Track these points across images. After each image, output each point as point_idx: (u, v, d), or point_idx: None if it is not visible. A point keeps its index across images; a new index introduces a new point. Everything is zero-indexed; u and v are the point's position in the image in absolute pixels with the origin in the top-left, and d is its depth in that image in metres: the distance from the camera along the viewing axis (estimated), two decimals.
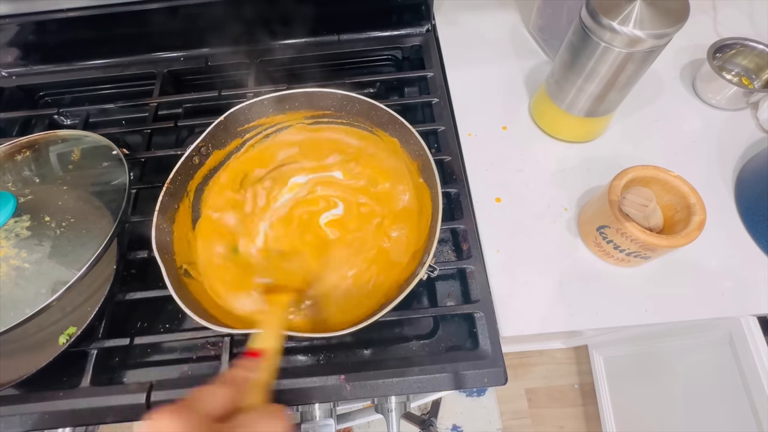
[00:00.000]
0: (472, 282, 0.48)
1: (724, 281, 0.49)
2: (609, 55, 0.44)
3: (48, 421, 0.43)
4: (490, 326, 0.46)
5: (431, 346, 0.48)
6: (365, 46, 0.67)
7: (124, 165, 0.49)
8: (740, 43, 0.61)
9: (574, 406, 1.27)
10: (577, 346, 1.31)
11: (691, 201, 0.44)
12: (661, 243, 0.42)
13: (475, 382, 0.43)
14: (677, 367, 0.86)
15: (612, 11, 0.42)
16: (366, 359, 0.47)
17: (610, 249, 0.47)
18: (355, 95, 0.51)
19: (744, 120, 0.59)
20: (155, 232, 0.44)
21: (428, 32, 0.68)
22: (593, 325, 0.47)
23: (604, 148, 0.58)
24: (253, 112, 0.52)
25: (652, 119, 0.60)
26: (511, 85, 0.64)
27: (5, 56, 0.66)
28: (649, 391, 0.95)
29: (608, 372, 1.15)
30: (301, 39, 0.68)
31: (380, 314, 0.39)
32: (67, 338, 0.44)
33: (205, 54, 0.67)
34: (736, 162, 0.56)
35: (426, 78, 0.63)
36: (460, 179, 0.54)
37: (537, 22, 0.66)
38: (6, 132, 0.64)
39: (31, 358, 0.43)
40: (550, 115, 0.57)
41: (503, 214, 0.54)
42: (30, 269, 0.43)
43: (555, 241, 0.52)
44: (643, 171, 0.46)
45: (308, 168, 0.54)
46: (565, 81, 0.51)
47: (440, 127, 0.57)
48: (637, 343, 1.00)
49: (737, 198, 0.53)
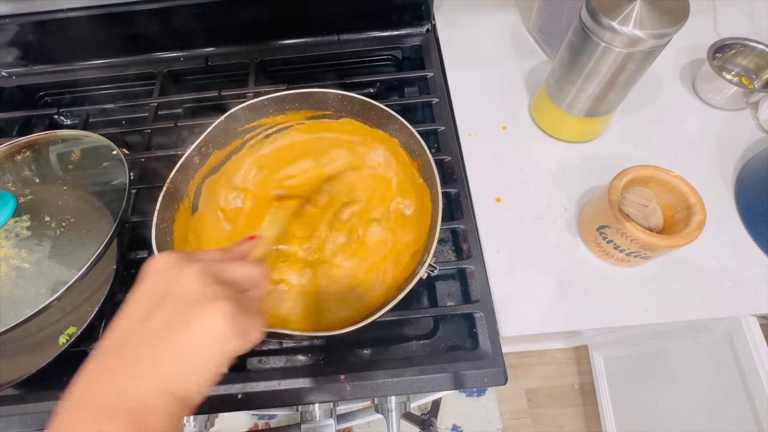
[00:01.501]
0: (472, 282, 0.48)
1: (724, 281, 0.49)
2: (609, 55, 0.44)
3: (48, 421, 0.42)
4: (490, 326, 0.46)
5: (431, 346, 0.48)
6: (365, 46, 0.67)
7: (124, 165, 0.49)
8: (740, 43, 0.61)
9: (574, 406, 1.27)
10: (577, 346, 1.31)
11: (691, 201, 0.44)
12: (661, 243, 0.42)
13: (475, 382, 0.43)
14: (677, 367, 0.86)
15: (612, 11, 0.42)
16: (366, 359, 0.47)
17: (610, 249, 0.47)
18: (355, 95, 0.51)
19: (744, 120, 0.59)
20: (155, 232, 0.44)
21: (428, 32, 0.68)
22: (593, 325, 0.47)
23: (604, 148, 0.58)
24: (254, 112, 0.52)
25: (652, 119, 0.60)
26: (511, 85, 0.64)
27: (5, 56, 0.66)
28: (649, 391, 0.95)
29: (608, 372, 1.16)
30: (301, 39, 0.68)
31: (380, 313, 0.39)
32: (67, 338, 0.44)
33: (205, 54, 0.67)
34: (736, 162, 0.56)
35: (426, 78, 0.63)
36: (460, 179, 0.54)
37: (537, 22, 0.66)
38: (6, 132, 0.64)
39: (31, 358, 0.43)
40: (550, 115, 0.57)
41: (503, 214, 0.54)
42: (30, 269, 0.43)
43: (555, 241, 0.52)
44: (643, 171, 0.46)
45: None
46: (565, 81, 0.51)
47: (440, 127, 0.57)
48: (637, 343, 1.00)
49: (737, 198, 0.53)
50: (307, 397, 0.43)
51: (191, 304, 0.25)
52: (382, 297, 0.46)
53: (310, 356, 0.48)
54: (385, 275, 0.47)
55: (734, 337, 0.69)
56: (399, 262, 0.48)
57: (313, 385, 0.43)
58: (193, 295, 0.25)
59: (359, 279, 0.48)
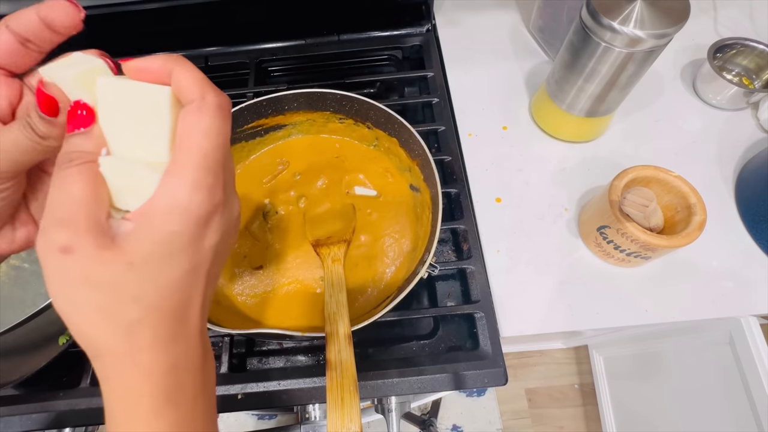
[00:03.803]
0: (472, 282, 0.48)
1: (724, 281, 0.49)
2: (609, 55, 0.44)
3: (48, 421, 0.43)
4: (491, 326, 0.46)
5: (431, 347, 0.48)
6: (365, 46, 0.67)
7: None
8: (741, 43, 0.61)
9: (574, 406, 1.27)
10: (577, 346, 1.31)
11: (692, 201, 0.44)
12: (662, 243, 0.42)
13: (476, 383, 0.43)
14: (677, 367, 0.86)
15: (612, 11, 0.42)
16: (366, 359, 0.47)
17: (611, 249, 0.47)
18: (354, 95, 0.51)
19: (744, 120, 0.59)
20: None
21: (428, 32, 0.68)
22: (593, 326, 0.47)
23: (604, 148, 0.58)
24: (253, 112, 0.52)
25: (653, 119, 0.60)
26: (511, 85, 0.64)
27: None
28: (649, 391, 0.95)
29: (608, 372, 1.15)
30: (301, 39, 0.68)
31: (380, 314, 0.39)
32: (67, 338, 0.44)
33: (204, 54, 0.67)
34: (736, 162, 0.56)
35: (426, 78, 0.63)
36: (460, 179, 0.54)
37: (537, 22, 0.66)
38: None
39: (31, 358, 0.43)
40: (551, 115, 0.57)
41: (503, 214, 0.54)
42: (30, 269, 0.43)
43: (555, 241, 0.52)
44: (643, 171, 0.46)
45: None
46: (565, 81, 0.51)
47: (440, 127, 0.57)
48: (637, 343, 1.00)
49: (737, 198, 0.53)
50: (307, 397, 0.43)
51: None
52: (382, 297, 0.46)
53: (310, 356, 0.48)
54: (384, 275, 0.47)
55: (734, 337, 0.69)
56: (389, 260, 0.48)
57: (313, 385, 0.43)
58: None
59: (359, 278, 0.48)
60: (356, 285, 0.47)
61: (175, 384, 0.19)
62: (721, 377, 0.74)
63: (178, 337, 0.19)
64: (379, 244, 0.49)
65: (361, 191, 0.53)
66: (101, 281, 0.17)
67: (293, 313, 0.46)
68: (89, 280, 0.17)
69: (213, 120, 0.19)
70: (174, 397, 0.19)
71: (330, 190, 0.53)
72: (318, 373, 0.44)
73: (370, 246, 0.49)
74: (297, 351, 0.49)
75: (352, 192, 0.52)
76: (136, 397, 0.19)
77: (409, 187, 0.52)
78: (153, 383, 0.19)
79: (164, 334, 0.19)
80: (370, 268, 0.48)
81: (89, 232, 0.17)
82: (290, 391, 0.43)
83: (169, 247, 0.18)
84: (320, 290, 0.47)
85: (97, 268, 0.17)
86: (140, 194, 0.19)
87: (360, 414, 0.30)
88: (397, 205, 0.52)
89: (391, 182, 0.53)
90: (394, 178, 0.53)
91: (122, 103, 0.19)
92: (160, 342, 0.19)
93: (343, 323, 0.36)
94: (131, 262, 0.18)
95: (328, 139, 0.56)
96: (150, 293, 0.18)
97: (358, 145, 0.56)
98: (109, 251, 0.17)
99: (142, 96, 0.19)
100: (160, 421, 0.19)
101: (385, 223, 0.51)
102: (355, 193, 0.52)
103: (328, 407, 0.30)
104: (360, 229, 0.50)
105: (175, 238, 0.18)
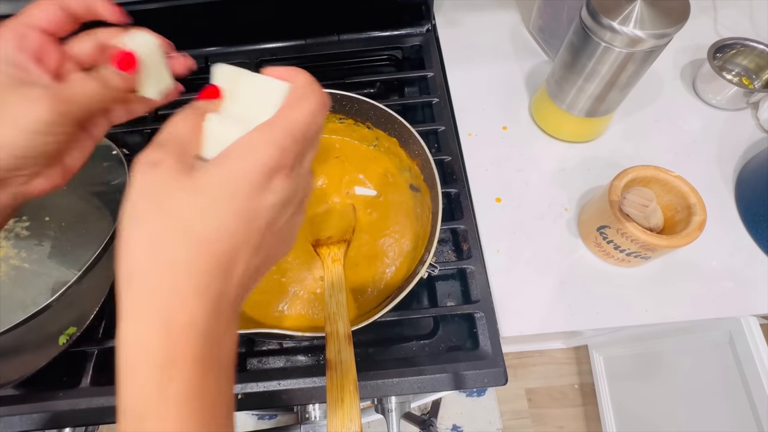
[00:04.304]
0: (472, 282, 0.48)
1: (724, 281, 0.49)
2: (609, 55, 0.44)
3: (48, 421, 0.43)
4: (490, 326, 0.46)
5: (431, 347, 0.48)
6: (365, 46, 0.67)
7: (124, 165, 0.49)
8: (740, 43, 0.61)
9: (574, 406, 1.27)
10: (577, 346, 1.31)
11: (692, 201, 0.44)
12: (662, 243, 0.42)
13: (475, 383, 0.43)
14: (677, 367, 0.86)
15: (612, 11, 0.42)
16: (366, 359, 0.47)
17: (611, 249, 0.47)
18: (354, 95, 0.51)
19: (744, 120, 0.59)
20: None
21: (428, 32, 0.68)
22: (593, 326, 0.47)
23: (604, 148, 0.58)
24: None
25: (653, 119, 0.60)
26: (511, 85, 0.64)
27: None
28: (649, 391, 0.95)
29: (608, 372, 1.15)
30: (301, 39, 0.68)
31: (380, 314, 0.39)
32: (67, 338, 0.44)
33: (204, 54, 0.67)
34: (736, 162, 0.56)
35: (426, 78, 0.63)
36: (460, 179, 0.54)
37: (537, 22, 0.66)
38: None
39: (31, 358, 0.43)
40: (551, 115, 0.57)
41: (503, 214, 0.54)
42: (30, 269, 0.43)
43: (555, 241, 0.52)
44: (643, 171, 0.46)
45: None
46: (565, 81, 0.51)
47: (440, 127, 0.57)
48: (637, 343, 1.00)
49: (737, 198, 0.53)
50: (307, 397, 0.43)
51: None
52: (382, 297, 0.46)
53: (310, 356, 0.48)
54: (384, 275, 0.48)
55: (734, 337, 0.69)
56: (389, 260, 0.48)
57: (313, 385, 0.43)
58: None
59: (359, 278, 0.48)
60: (356, 285, 0.47)
61: (201, 344, 0.18)
62: (721, 377, 0.74)
63: (212, 287, 0.19)
64: (379, 244, 0.49)
65: (361, 191, 0.53)
66: (168, 203, 0.19)
67: (293, 313, 0.46)
68: (159, 196, 0.19)
69: (313, 105, 0.22)
70: (201, 358, 0.18)
71: (330, 190, 0.53)
72: (318, 373, 0.44)
73: (370, 246, 0.49)
74: (297, 351, 0.49)
75: (352, 192, 0.52)
76: (150, 350, 0.18)
77: (409, 187, 0.52)
78: (170, 337, 0.18)
79: (201, 277, 0.19)
80: (370, 268, 0.48)
81: (175, 155, 0.20)
82: (290, 391, 0.43)
83: (233, 183, 0.20)
84: (320, 290, 0.47)
85: (170, 184, 0.19)
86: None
87: (360, 414, 0.30)
88: (397, 205, 0.52)
89: (391, 182, 0.53)
90: (394, 178, 0.53)
91: (239, 87, 0.24)
92: (197, 286, 0.18)
93: (343, 323, 0.36)
94: (196, 186, 0.19)
95: (328, 139, 0.56)
96: (204, 226, 0.19)
97: (358, 145, 0.56)
98: (184, 175, 0.20)
99: (260, 85, 0.23)
100: (169, 387, 0.18)
101: (385, 223, 0.51)
102: (355, 193, 0.52)
103: (328, 407, 0.30)
104: (360, 229, 0.50)
105: (239, 176, 0.20)
